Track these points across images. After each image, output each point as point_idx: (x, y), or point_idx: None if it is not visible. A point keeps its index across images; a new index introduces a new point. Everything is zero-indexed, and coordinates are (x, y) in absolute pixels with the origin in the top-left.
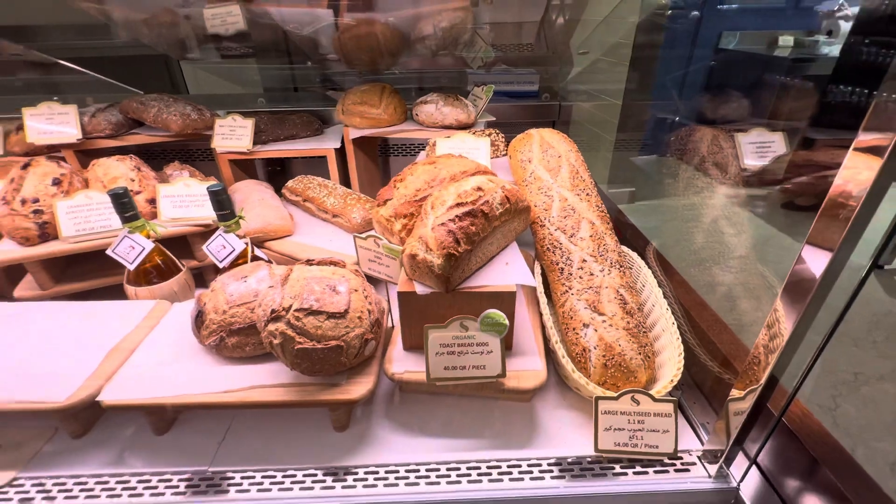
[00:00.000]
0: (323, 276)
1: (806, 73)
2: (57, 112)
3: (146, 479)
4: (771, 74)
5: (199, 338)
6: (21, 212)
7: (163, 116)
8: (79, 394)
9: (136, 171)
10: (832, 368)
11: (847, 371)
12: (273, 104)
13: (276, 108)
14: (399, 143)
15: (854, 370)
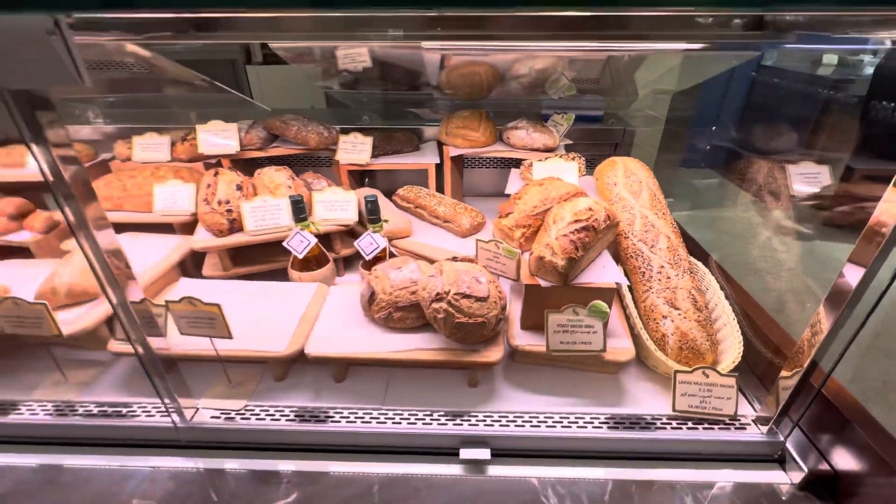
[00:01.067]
0: (468, 270)
1: (849, 92)
2: (221, 129)
3: (339, 410)
4: (812, 93)
5: (370, 312)
6: (218, 210)
7: (302, 134)
8: (291, 347)
9: (291, 179)
10: (863, 376)
11: (877, 379)
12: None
13: (376, 125)
14: (475, 159)
15: (883, 378)
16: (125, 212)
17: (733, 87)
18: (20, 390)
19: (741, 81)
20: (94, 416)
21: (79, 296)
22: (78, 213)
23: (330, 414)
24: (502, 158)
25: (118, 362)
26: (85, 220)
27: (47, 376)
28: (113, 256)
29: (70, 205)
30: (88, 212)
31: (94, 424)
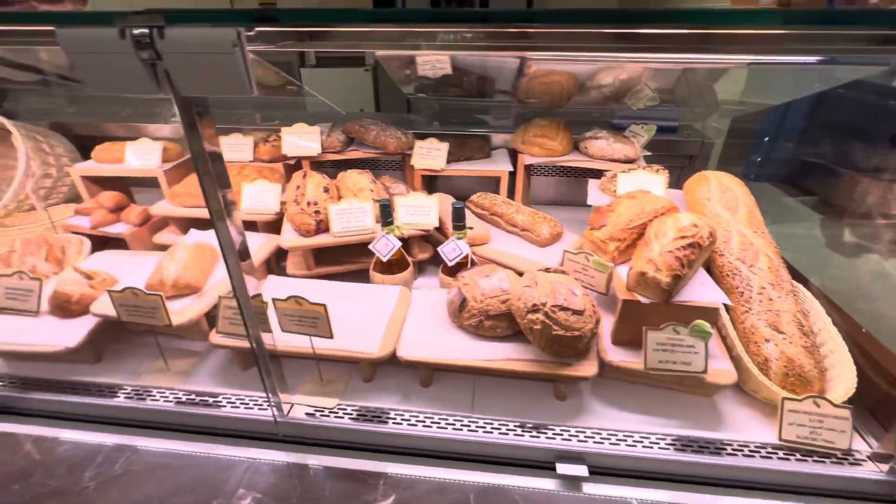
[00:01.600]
0: (563, 282)
1: None
2: (305, 132)
3: (429, 415)
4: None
5: (459, 319)
6: (307, 211)
7: (381, 138)
8: (383, 349)
9: (373, 182)
10: None
11: None
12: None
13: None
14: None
15: None
16: None
17: (824, 99)
18: (125, 375)
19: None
20: (196, 404)
21: (182, 288)
22: (218, 208)
23: (420, 418)
24: (577, 168)
25: (212, 353)
26: (223, 213)
27: (150, 363)
28: (239, 250)
29: (212, 198)
30: (229, 208)
31: (197, 413)
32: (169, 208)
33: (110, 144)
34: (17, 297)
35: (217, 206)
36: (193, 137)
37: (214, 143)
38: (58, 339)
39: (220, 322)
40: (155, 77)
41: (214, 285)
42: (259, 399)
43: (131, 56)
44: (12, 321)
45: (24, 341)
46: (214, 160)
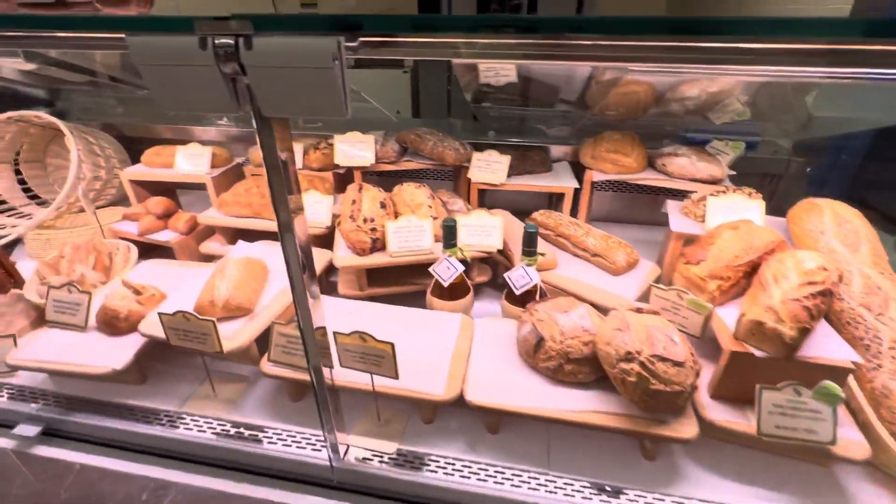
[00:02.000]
0: (659, 326)
1: None
2: (359, 140)
3: (500, 470)
4: None
5: (534, 359)
6: (363, 228)
7: (439, 149)
8: (450, 391)
9: (431, 198)
10: None
11: None
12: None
13: (503, 142)
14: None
15: None
16: (263, 219)
17: None
18: (171, 399)
19: None
20: (245, 439)
21: (233, 310)
22: (289, 227)
23: (491, 472)
24: (648, 187)
25: (260, 379)
26: (292, 228)
27: (196, 387)
28: (306, 277)
29: (282, 212)
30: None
31: (247, 450)
32: (218, 217)
33: (160, 148)
34: (65, 310)
35: (288, 224)
36: (269, 149)
37: (288, 154)
38: (104, 359)
39: (272, 350)
40: (235, 94)
41: (265, 308)
42: (312, 437)
43: (212, 69)
44: (58, 336)
45: (69, 359)
46: (286, 172)
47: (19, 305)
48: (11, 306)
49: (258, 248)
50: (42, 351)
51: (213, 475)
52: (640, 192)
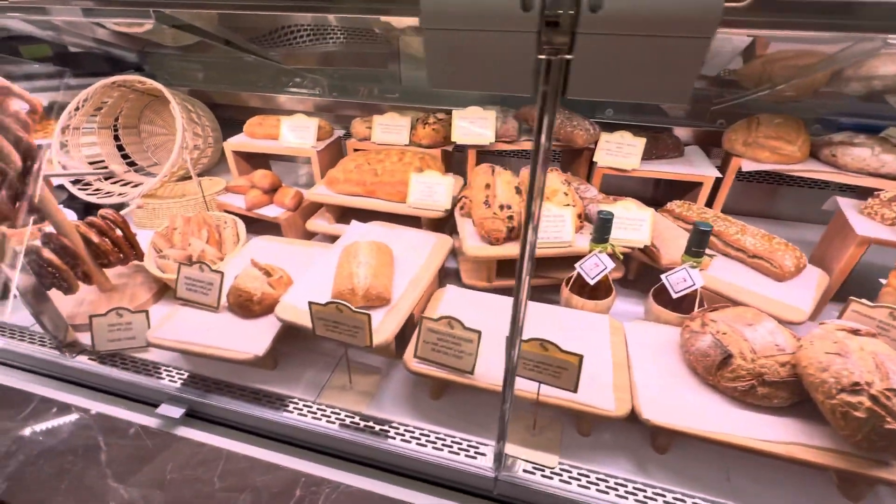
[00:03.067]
0: (886, 353)
1: None
2: (479, 116)
3: (678, 497)
4: None
5: (715, 377)
6: (499, 216)
7: (567, 129)
8: (621, 406)
9: (566, 183)
10: None
11: None
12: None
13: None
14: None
15: None
16: (377, 199)
17: None
18: (304, 387)
19: None
20: (385, 435)
21: (373, 300)
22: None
23: (668, 498)
24: (808, 180)
25: (393, 371)
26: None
27: (326, 375)
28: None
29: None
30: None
31: (395, 451)
32: (330, 195)
33: (261, 118)
34: (196, 288)
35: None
36: (546, 132)
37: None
38: (243, 343)
39: (420, 346)
40: (540, 71)
41: (400, 297)
42: (464, 443)
43: (526, 39)
44: (191, 314)
45: (207, 341)
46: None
47: (139, 277)
48: (132, 277)
49: (376, 230)
50: (180, 330)
51: (364, 474)
52: (793, 185)
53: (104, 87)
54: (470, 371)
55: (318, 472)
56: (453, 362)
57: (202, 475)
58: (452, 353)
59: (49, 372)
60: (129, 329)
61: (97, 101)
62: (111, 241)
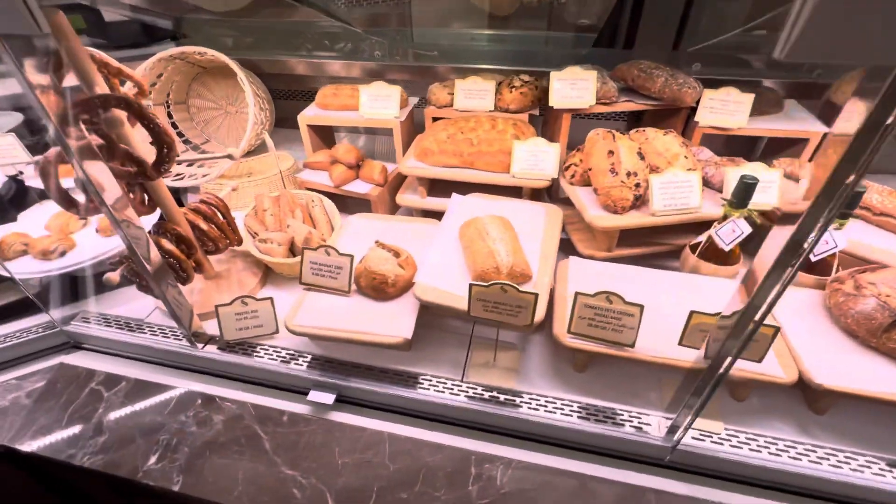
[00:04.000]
0: None
1: None
2: (580, 77)
3: (848, 454)
4: None
5: (881, 340)
6: (627, 184)
7: (672, 88)
8: (790, 372)
9: (684, 146)
10: None
11: None
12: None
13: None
14: None
15: None
16: (477, 170)
17: None
18: (446, 366)
19: None
20: (547, 411)
21: (518, 277)
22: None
23: (840, 457)
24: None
25: (529, 347)
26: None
27: (458, 352)
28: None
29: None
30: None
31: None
32: (425, 168)
33: (335, 88)
34: (324, 273)
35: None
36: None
37: None
38: (386, 327)
39: (574, 322)
40: None
41: (538, 272)
42: (625, 413)
43: None
44: (319, 299)
45: (347, 325)
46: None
47: (238, 263)
48: (232, 263)
49: (482, 203)
50: (318, 316)
51: (531, 449)
52: None
53: (161, 61)
54: (631, 345)
55: (485, 449)
56: (613, 336)
57: (373, 458)
58: (611, 328)
59: (180, 363)
60: (255, 317)
61: (152, 76)
62: (216, 226)
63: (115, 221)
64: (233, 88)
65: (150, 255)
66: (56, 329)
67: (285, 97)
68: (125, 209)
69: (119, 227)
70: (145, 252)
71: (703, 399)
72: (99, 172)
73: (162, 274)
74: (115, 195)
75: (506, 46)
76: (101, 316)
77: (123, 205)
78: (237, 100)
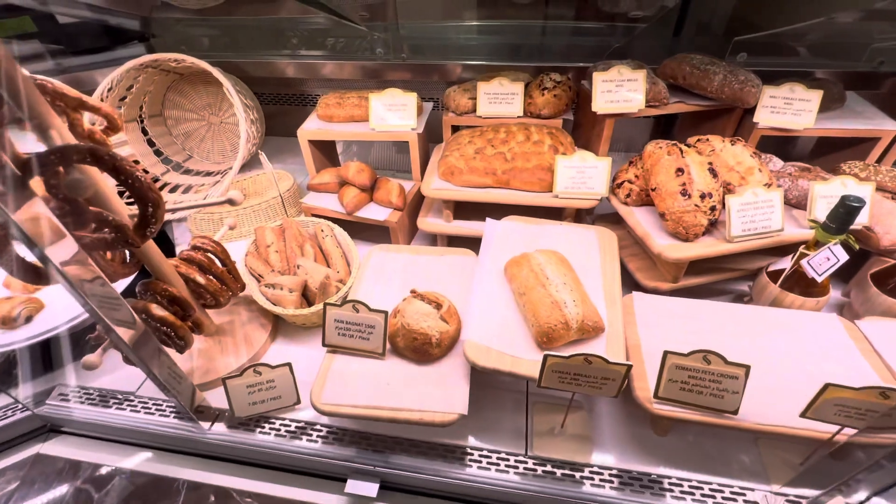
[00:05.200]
0: None
1: None
2: (627, 77)
3: None
4: None
5: None
6: (701, 207)
7: (732, 87)
8: None
9: (756, 157)
10: None
11: None
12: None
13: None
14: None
15: None
16: (512, 190)
17: None
18: (507, 437)
19: None
20: (650, 491)
21: (589, 332)
22: None
23: None
24: None
25: (596, 408)
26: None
27: (515, 417)
28: None
29: None
30: None
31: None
32: (453, 189)
33: (339, 97)
34: (353, 333)
35: None
36: None
37: None
38: (434, 400)
39: (663, 386)
40: None
41: (607, 319)
42: (725, 490)
43: None
44: (345, 363)
45: (389, 403)
46: None
47: (242, 312)
48: (234, 313)
49: (521, 229)
50: (349, 389)
51: None
52: None
53: (130, 71)
54: (734, 412)
55: None
56: (712, 402)
57: None
58: (709, 392)
59: (183, 448)
60: (271, 388)
61: (121, 89)
62: (216, 277)
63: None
64: (214, 96)
65: (134, 324)
66: (28, 413)
67: (272, 102)
68: (97, 277)
69: (87, 303)
70: (128, 321)
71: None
72: (64, 248)
73: (150, 349)
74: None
75: (527, 39)
76: (81, 391)
77: (93, 272)
78: (220, 108)
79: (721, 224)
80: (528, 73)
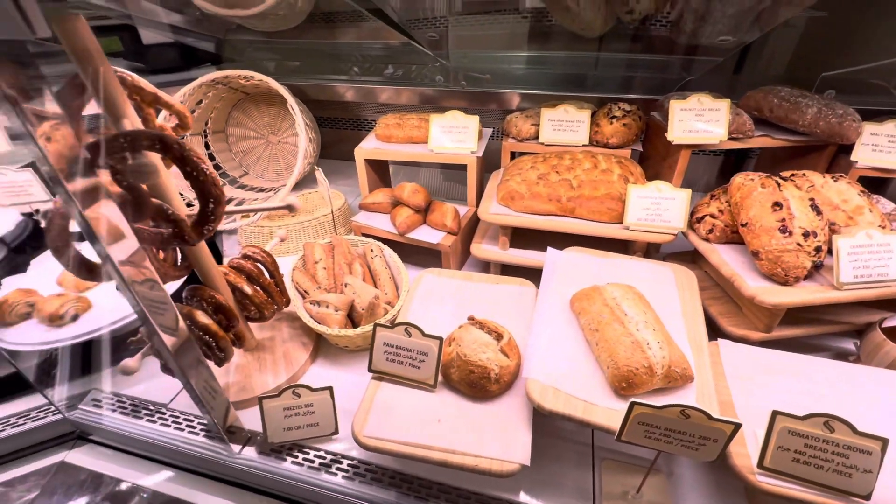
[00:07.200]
0: None
1: None
2: (708, 107)
3: None
4: None
5: None
6: (804, 247)
7: (829, 121)
8: None
9: (864, 196)
10: None
11: None
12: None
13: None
14: None
15: None
16: (578, 219)
17: None
18: (564, 496)
19: None
20: None
21: (676, 380)
22: None
23: None
24: None
25: (675, 469)
26: None
27: (579, 472)
28: None
29: None
30: None
31: None
32: (513, 215)
33: (398, 118)
34: (404, 359)
35: None
36: None
37: None
38: (490, 444)
39: (770, 454)
40: None
41: (695, 367)
42: None
43: None
44: (392, 393)
45: (442, 444)
46: None
47: (284, 329)
48: (277, 330)
49: (587, 261)
50: (396, 424)
51: None
52: None
53: (202, 86)
54: (866, 496)
55: None
56: (835, 481)
57: None
58: (832, 468)
59: (210, 471)
60: (309, 413)
61: (191, 103)
62: (262, 288)
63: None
64: (275, 116)
65: (178, 330)
66: (59, 416)
67: (328, 125)
68: (149, 279)
69: (138, 303)
70: (173, 327)
71: None
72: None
73: (191, 358)
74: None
75: (588, 70)
76: (114, 398)
77: (146, 274)
78: (280, 129)
79: (825, 269)
80: (592, 104)
